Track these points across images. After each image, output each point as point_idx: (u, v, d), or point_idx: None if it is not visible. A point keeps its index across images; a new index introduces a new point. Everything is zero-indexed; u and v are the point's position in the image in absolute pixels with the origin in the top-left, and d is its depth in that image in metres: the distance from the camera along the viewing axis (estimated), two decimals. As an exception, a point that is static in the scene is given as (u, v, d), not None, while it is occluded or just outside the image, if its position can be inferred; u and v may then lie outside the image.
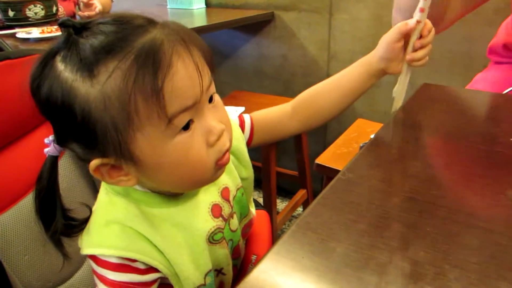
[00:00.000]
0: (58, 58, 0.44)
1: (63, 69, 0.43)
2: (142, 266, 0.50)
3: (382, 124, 1.08)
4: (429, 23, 0.66)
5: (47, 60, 0.44)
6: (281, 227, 1.72)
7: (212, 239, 0.57)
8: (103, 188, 0.55)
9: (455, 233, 0.40)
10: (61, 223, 0.50)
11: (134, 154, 0.45)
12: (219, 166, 0.50)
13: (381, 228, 0.41)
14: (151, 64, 0.41)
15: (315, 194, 1.95)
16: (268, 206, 1.65)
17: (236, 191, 0.64)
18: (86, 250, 0.50)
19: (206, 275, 0.56)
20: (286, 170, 1.97)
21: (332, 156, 1.35)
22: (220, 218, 0.59)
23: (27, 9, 1.52)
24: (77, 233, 0.52)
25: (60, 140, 0.48)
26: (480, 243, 0.39)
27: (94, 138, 0.43)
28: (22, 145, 0.79)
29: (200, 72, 0.45)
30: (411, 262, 0.36)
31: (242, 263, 0.73)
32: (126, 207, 0.51)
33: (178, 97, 0.43)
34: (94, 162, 0.45)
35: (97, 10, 1.69)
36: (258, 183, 2.27)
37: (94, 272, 0.52)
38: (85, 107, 0.42)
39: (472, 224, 0.41)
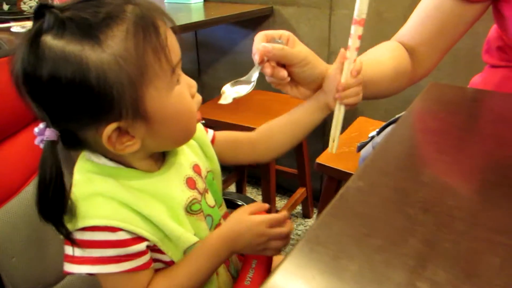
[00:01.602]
0: (49, 38, 0.44)
1: (64, 44, 0.44)
2: (127, 236, 0.52)
3: (383, 122, 1.05)
4: (358, 64, 0.65)
5: (35, 44, 0.44)
6: (279, 225, 1.70)
7: (190, 209, 0.60)
8: (77, 170, 0.56)
9: (476, 250, 0.37)
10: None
11: (146, 109, 0.49)
12: (198, 119, 0.58)
13: (396, 244, 0.38)
14: (151, 24, 0.48)
15: (314, 192, 1.93)
16: (266, 203, 1.63)
17: (207, 172, 0.67)
18: (70, 226, 0.50)
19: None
20: (285, 168, 1.94)
21: (332, 155, 1.32)
22: (195, 190, 0.62)
23: (22, 3, 1.48)
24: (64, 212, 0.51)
25: (58, 123, 0.48)
26: (503, 262, 0.36)
27: (110, 102, 0.46)
28: (7, 146, 0.77)
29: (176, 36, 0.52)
30: (430, 284, 0.34)
31: (242, 269, 0.71)
32: (104, 181, 0.53)
33: (173, 52, 0.50)
34: (110, 127, 0.48)
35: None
36: (257, 181, 2.25)
37: (78, 261, 0.52)
38: (100, 72, 0.45)
39: (494, 240, 0.38)
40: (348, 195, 0.45)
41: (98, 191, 0.53)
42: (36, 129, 0.49)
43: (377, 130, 1.02)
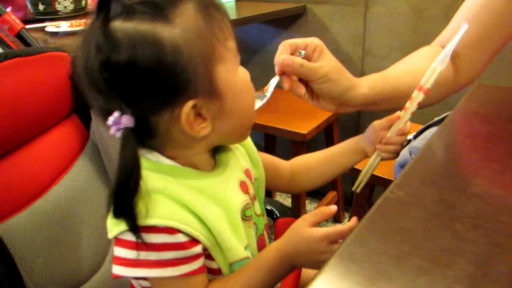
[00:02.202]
0: (118, 23, 0.45)
1: (135, 25, 0.45)
2: (185, 238, 0.50)
3: (420, 126, 0.99)
4: (407, 127, 0.67)
5: (107, 31, 0.45)
6: (309, 230, 1.65)
7: (244, 215, 0.58)
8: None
9: (538, 276, 0.32)
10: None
11: (219, 86, 0.50)
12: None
13: (442, 264, 0.34)
14: (215, 6, 0.50)
15: (346, 196, 1.87)
16: (296, 207, 1.59)
17: (254, 179, 0.65)
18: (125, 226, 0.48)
19: (245, 249, 0.57)
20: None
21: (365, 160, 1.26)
22: (248, 195, 0.60)
23: (56, 3, 1.50)
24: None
25: (134, 107, 0.47)
26: None
27: (186, 79, 0.46)
28: (35, 146, 0.76)
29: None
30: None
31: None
32: (162, 178, 0.52)
33: (233, 35, 0.52)
34: (188, 105, 0.48)
35: None
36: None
37: (132, 264, 0.49)
38: (175, 48, 0.45)
39: (560, 265, 0.33)
40: (386, 207, 0.41)
41: (156, 188, 0.50)
42: (111, 118, 0.47)
43: (414, 133, 0.97)
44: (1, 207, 0.69)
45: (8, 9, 0.91)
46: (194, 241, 0.51)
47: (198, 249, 0.51)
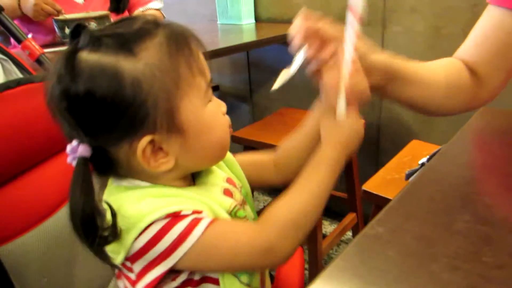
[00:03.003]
0: (84, 54, 0.46)
1: (99, 57, 0.46)
2: (188, 212, 0.49)
3: (436, 147, 0.96)
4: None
5: (71, 60, 0.46)
6: (327, 252, 1.62)
7: (235, 215, 0.57)
8: (107, 196, 0.53)
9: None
10: (105, 231, 0.47)
11: (181, 122, 0.49)
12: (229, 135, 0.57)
13: (411, 309, 0.33)
14: (183, 40, 0.49)
15: (366, 218, 1.83)
16: (312, 229, 1.56)
17: (240, 187, 0.64)
18: (121, 249, 0.48)
19: None
20: (334, 191, 1.87)
21: (381, 182, 1.24)
22: (234, 200, 0.59)
23: (82, 26, 1.56)
24: (110, 240, 0.48)
25: (92, 137, 0.48)
26: None
27: (144, 113, 0.46)
28: (45, 168, 0.79)
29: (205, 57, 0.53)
30: None
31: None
32: (149, 191, 0.52)
33: (205, 69, 0.52)
34: (145, 139, 0.47)
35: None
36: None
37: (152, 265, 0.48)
38: (135, 81, 0.45)
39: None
40: (363, 244, 0.40)
41: (145, 194, 0.51)
42: (68, 147, 0.49)
43: (428, 156, 0.94)
44: (10, 227, 0.71)
45: (29, 36, 0.95)
46: (197, 212, 0.49)
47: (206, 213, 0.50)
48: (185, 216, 0.48)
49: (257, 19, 2.01)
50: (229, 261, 0.50)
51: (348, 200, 1.74)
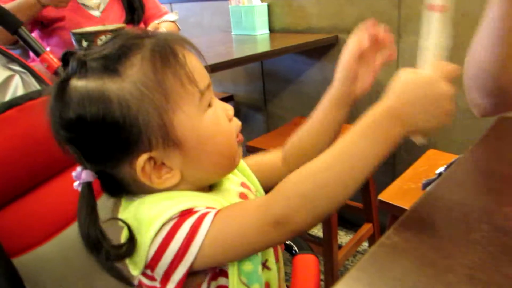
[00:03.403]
0: (74, 81, 0.46)
1: (86, 83, 0.46)
2: (201, 208, 0.48)
3: (453, 156, 0.95)
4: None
5: (62, 90, 0.46)
6: (343, 262, 1.61)
7: None
8: (122, 213, 0.53)
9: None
10: (111, 248, 0.48)
11: (177, 136, 0.48)
12: (238, 143, 0.55)
13: (428, 320, 0.32)
14: (169, 51, 0.47)
15: (382, 228, 1.81)
16: (328, 239, 1.55)
17: (255, 192, 0.63)
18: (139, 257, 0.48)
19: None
20: (350, 201, 1.85)
21: (397, 192, 1.23)
22: None
23: (98, 39, 1.59)
24: (127, 255, 0.49)
25: (93, 163, 0.48)
26: None
27: (137, 132, 0.46)
28: (63, 178, 0.80)
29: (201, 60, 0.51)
30: None
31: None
32: (165, 195, 0.50)
33: (199, 75, 0.49)
34: (142, 158, 0.47)
35: None
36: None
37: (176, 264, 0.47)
38: (123, 102, 0.45)
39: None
40: (378, 254, 0.40)
41: (160, 198, 0.50)
42: (73, 173, 0.50)
43: (446, 165, 0.93)
44: (27, 238, 0.72)
45: (48, 49, 0.98)
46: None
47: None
48: (196, 211, 0.47)
49: (271, 29, 2.02)
50: (242, 242, 0.47)
51: (364, 210, 1.72)
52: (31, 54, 1.56)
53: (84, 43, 1.60)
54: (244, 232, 0.47)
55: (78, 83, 0.46)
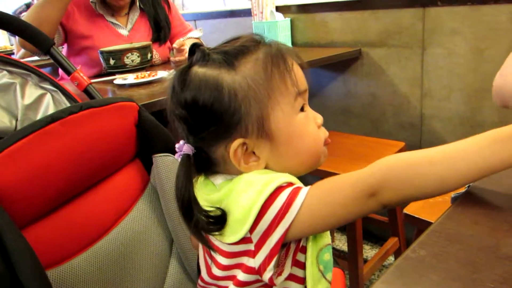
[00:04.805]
0: (195, 67, 0.55)
1: (206, 71, 0.54)
2: (299, 185, 0.54)
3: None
4: None
5: (184, 74, 0.55)
6: (369, 277, 1.58)
7: None
8: (206, 185, 0.60)
9: None
10: (201, 220, 0.54)
11: (270, 128, 0.54)
12: (325, 144, 0.60)
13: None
14: (280, 56, 0.55)
15: (408, 242, 1.78)
16: (353, 253, 1.53)
17: None
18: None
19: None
20: (375, 215, 1.83)
21: (424, 205, 1.21)
22: None
23: (125, 57, 1.64)
24: (216, 230, 0.55)
25: (196, 138, 0.56)
26: None
27: (238, 117, 0.52)
28: (97, 191, 0.81)
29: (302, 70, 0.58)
30: None
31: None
32: (261, 171, 0.56)
33: (299, 80, 0.56)
34: (237, 142, 0.54)
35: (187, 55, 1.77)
36: (343, 227, 2.14)
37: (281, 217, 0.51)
38: (232, 91, 0.52)
39: None
40: (405, 267, 0.39)
41: (266, 171, 0.56)
42: (177, 145, 0.58)
43: None
44: (61, 251, 0.73)
45: (78, 67, 1.01)
46: None
47: None
48: (293, 184, 0.53)
49: (294, 44, 2.04)
50: (337, 210, 0.51)
51: (390, 224, 1.70)
52: (60, 72, 1.61)
53: (112, 61, 1.65)
54: (340, 200, 0.51)
55: (199, 70, 0.54)
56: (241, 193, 0.53)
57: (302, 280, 0.58)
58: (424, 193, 0.48)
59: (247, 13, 2.12)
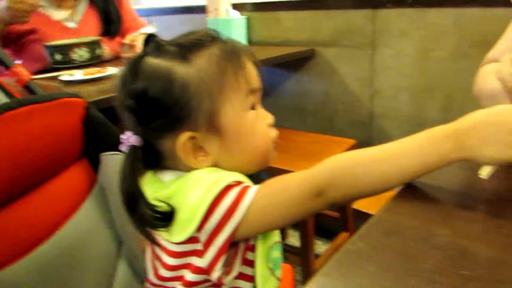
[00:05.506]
0: (149, 58, 0.54)
1: (159, 62, 0.53)
2: (249, 184, 0.54)
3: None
4: None
5: (136, 64, 0.54)
6: (321, 273, 1.61)
7: None
8: (153, 182, 0.58)
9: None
10: (147, 214, 0.52)
11: (220, 124, 0.54)
12: (274, 146, 0.60)
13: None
14: (235, 53, 0.55)
15: (359, 238, 1.82)
16: (304, 248, 1.55)
17: None
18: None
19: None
20: (326, 211, 1.87)
21: (372, 200, 1.23)
22: None
23: (72, 52, 1.57)
24: (163, 227, 0.54)
25: (144, 130, 0.55)
26: None
27: (188, 110, 0.52)
28: (44, 190, 0.77)
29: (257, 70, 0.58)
30: None
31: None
32: (209, 169, 0.56)
33: (252, 78, 0.56)
34: (185, 135, 0.53)
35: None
36: (296, 223, 2.17)
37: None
38: (184, 82, 0.52)
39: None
40: (343, 260, 0.40)
41: (214, 169, 0.55)
42: (123, 136, 0.56)
43: None
44: (4, 253, 0.69)
45: (19, 62, 0.97)
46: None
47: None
48: (242, 182, 0.53)
49: (249, 42, 2.05)
50: (284, 210, 0.52)
51: (341, 219, 1.74)
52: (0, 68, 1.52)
53: (58, 56, 1.58)
54: (288, 200, 0.52)
55: (152, 60, 0.54)
56: (189, 191, 0.52)
57: (252, 279, 0.58)
58: (370, 191, 0.52)
59: (202, 9, 2.10)
